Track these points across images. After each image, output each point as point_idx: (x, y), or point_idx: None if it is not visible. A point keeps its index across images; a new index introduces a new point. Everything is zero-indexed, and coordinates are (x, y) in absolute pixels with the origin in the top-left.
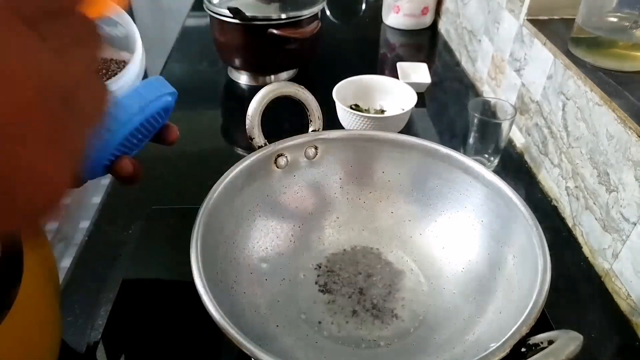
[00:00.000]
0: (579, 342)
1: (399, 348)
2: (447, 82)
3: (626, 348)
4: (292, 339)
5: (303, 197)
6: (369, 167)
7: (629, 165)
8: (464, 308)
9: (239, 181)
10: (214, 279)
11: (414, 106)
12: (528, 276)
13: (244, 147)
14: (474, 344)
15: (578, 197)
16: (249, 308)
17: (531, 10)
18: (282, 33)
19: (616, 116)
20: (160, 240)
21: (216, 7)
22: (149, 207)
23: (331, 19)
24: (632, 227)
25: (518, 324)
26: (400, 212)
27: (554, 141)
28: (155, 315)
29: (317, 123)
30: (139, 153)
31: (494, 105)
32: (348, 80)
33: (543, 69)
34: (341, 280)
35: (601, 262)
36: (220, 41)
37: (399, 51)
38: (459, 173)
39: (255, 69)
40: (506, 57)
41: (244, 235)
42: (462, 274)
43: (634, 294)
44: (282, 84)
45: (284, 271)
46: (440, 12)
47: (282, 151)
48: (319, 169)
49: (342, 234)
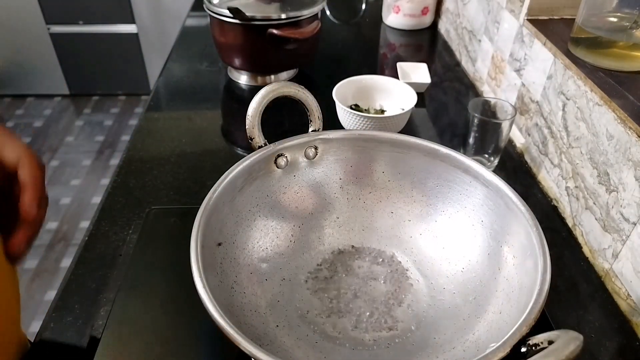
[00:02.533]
0: (579, 342)
1: (399, 348)
2: (447, 82)
3: (626, 348)
4: (292, 339)
5: (303, 197)
6: (369, 167)
7: (629, 165)
8: (464, 308)
9: (239, 181)
10: (214, 279)
11: (414, 106)
12: (528, 276)
13: (244, 147)
14: (474, 344)
15: (578, 197)
16: (249, 308)
17: (531, 10)
18: (282, 33)
19: (616, 116)
20: (160, 240)
21: (216, 7)
22: (149, 207)
23: (331, 19)
24: (632, 227)
25: (518, 324)
26: (400, 212)
27: (554, 141)
28: (155, 315)
29: (317, 123)
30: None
31: (494, 105)
32: (348, 80)
33: (543, 69)
34: (341, 280)
35: (601, 262)
36: (220, 41)
37: (399, 51)
38: (459, 173)
39: (255, 69)
40: (506, 57)
41: (244, 235)
42: (462, 274)
43: (634, 294)
44: (282, 84)
45: (284, 271)
46: (440, 12)
47: (282, 151)
48: (319, 169)
49: (342, 234)
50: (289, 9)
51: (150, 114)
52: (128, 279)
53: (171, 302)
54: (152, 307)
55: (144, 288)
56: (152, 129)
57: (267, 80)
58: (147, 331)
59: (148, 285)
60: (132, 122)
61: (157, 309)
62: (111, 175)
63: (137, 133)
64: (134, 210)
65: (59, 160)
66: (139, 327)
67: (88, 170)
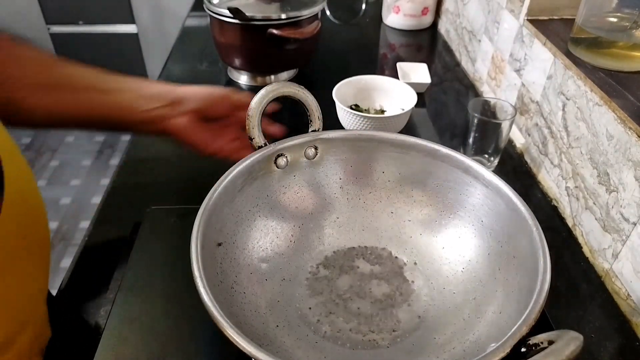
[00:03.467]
0: (579, 342)
1: (399, 348)
2: (447, 82)
3: (626, 348)
4: (292, 339)
5: (303, 197)
6: (369, 167)
7: (629, 165)
8: (464, 308)
9: (239, 181)
10: (214, 279)
11: (413, 106)
12: (528, 276)
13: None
14: (474, 344)
15: (578, 197)
16: (249, 308)
17: (531, 11)
18: (282, 33)
19: (616, 116)
20: (160, 240)
21: (216, 7)
22: (149, 207)
23: (331, 19)
24: (632, 227)
25: (518, 324)
26: (400, 212)
27: (554, 141)
28: (155, 315)
29: (317, 123)
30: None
31: (494, 105)
32: (348, 81)
33: (543, 69)
34: (341, 280)
35: (601, 262)
36: (220, 41)
37: (399, 51)
38: (459, 173)
39: (255, 69)
40: (506, 57)
41: (244, 235)
42: (462, 274)
43: (634, 294)
44: (282, 84)
45: (284, 271)
46: (440, 12)
47: (282, 151)
48: (319, 169)
49: (342, 234)
50: (289, 9)
51: None
52: (128, 279)
53: (171, 302)
54: (152, 307)
55: (144, 288)
56: None
57: (267, 80)
58: (147, 331)
59: (148, 285)
60: None
61: (157, 309)
62: (111, 175)
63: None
64: (134, 210)
65: (59, 160)
66: (139, 327)
67: (88, 170)
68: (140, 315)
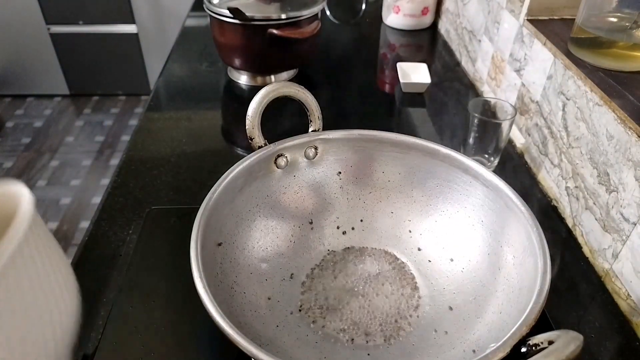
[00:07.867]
0: (579, 342)
1: (399, 348)
2: (447, 82)
3: (626, 348)
4: (292, 339)
5: (303, 197)
6: (369, 167)
7: (629, 165)
8: (464, 308)
9: (239, 181)
10: (214, 279)
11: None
12: (528, 276)
13: (244, 147)
14: (474, 344)
15: (578, 197)
16: (249, 308)
17: (531, 11)
18: (282, 33)
19: (616, 116)
20: (160, 240)
21: (216, 7)
22: (149, 207)
23: (331, 19)
24: (632, 227)
25: (518, 324)
26: (400, 212)
27: (554, 141)
28: (155, 316)
29: (317, 123)
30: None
31: (494, 105)
32: None
33: (543, 69)
34: (341, 280)
35: (601, 262)
36: (220, 41)
37: (399, 51)
38: (459, 173)
39: (255, 69)
40: (506, 57)
41: (244, 236)
42: (462, 274)
43: (634, 294)
44: (282, 84)
45: (284, 271)
46: (440, 12)
47: (282, 151)
48: (319, 169)
49: (342, 234)
50: (289, 9)
51: (150, 114)
52: (128, 279)
53: (171, 302)
54: (152, 307)
55: (144, 288)
56: (152, 129)
57: (267, 80)
58: (147, 331)
59: (148, 286)
60: (132, 122)
61: (157, 309)
62: (111, 175)
63: (137, 133)
64: (134, 210)
65: (59, 160)
66: (139, 327)
67: (88, 171)
68: (140, 316)
